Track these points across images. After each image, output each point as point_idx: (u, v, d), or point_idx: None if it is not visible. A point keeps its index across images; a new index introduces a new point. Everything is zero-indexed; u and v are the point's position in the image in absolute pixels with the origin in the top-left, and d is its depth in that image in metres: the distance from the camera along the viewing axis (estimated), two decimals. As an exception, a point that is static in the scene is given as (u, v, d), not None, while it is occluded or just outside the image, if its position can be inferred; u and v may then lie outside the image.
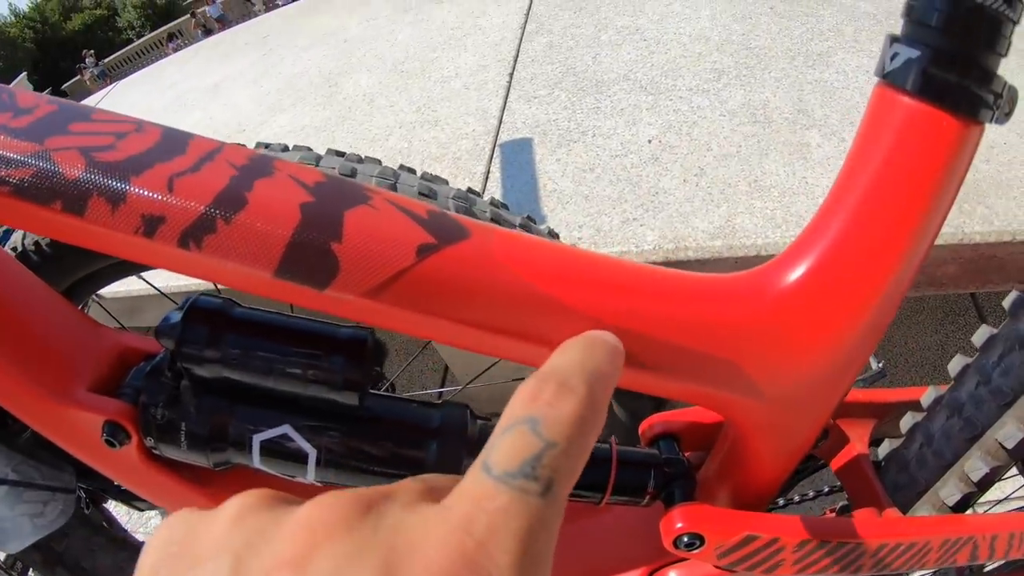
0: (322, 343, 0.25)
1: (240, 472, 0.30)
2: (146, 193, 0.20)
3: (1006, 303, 0.31)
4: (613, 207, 0.64)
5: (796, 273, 0.23)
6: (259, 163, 0.21)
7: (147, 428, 0.27)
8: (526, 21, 1.01)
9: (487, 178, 0.71)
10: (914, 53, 0.20)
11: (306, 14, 1.40)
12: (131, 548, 0.58)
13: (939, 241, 0.47)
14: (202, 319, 0.25)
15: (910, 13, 0.20)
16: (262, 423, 0.27)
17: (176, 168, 0.20)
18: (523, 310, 0.21)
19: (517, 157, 0.74)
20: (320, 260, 0.20)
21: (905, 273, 0.23)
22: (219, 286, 0.40)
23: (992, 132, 0.70)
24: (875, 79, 0.22)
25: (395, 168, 0.42)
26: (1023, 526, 0.34)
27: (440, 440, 0.28)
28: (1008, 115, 0.22)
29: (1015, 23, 0.20)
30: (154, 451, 0.29)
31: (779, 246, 0.60)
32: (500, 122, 0.80)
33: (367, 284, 0.20)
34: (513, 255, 0.21)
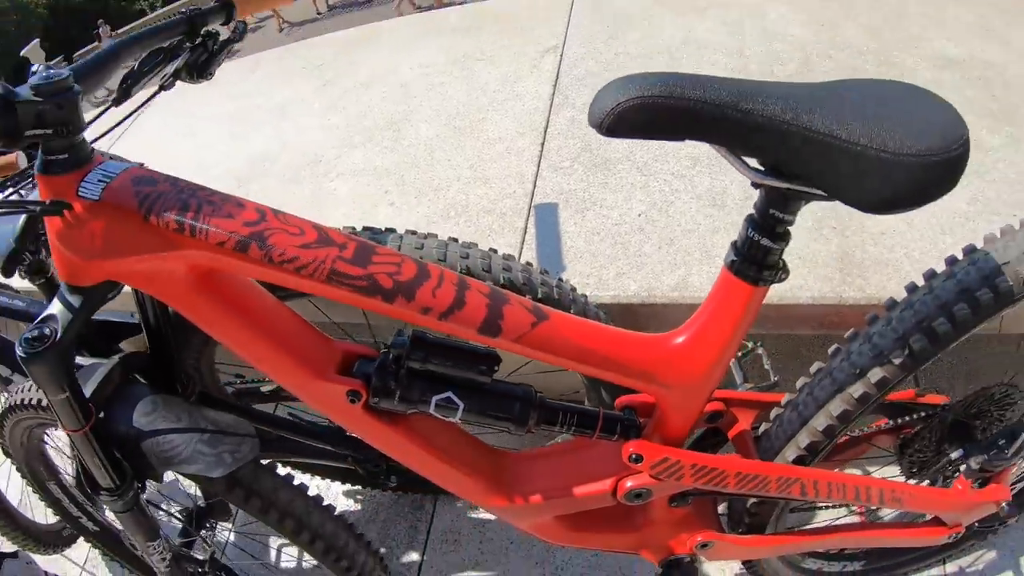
0: (476, 355, 0.66)
1: (417, 416, 0.71)
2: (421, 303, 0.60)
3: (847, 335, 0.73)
4: (610, 263, 1.05)
5: (680, 339, 0.65)
6: (496, 295, 0.62)
7: (376, 393, 0.68)
8: (554, 92, 1.41)
9: (525, 232, 1.12)
10: (733, 257, 0.62)
11: (357, 46, 1.77)
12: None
13: (829, 303, 0.89)
14: (419, 341, 0.66)
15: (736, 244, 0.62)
16: (437, 391, 0.68)
17: (432, 293, 0.60)
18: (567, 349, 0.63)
19: (547, 218, 1.15)
20: (495, 325, 0.61)
21: (723, 357, 0.65)
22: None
23: (886, 221, 1.11)
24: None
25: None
26: (834, 477, 0.76)
27: (521, 403, 0.70)
28: (777, 278, 0.63)
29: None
30: (374, 406, 0.69)
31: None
32: (535, 186, 1.21)
33: (510, 335, 0.61)
34: (561, 325, 0.63)
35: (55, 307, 0.66)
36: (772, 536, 0.92)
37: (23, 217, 1.02)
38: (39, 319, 0.66)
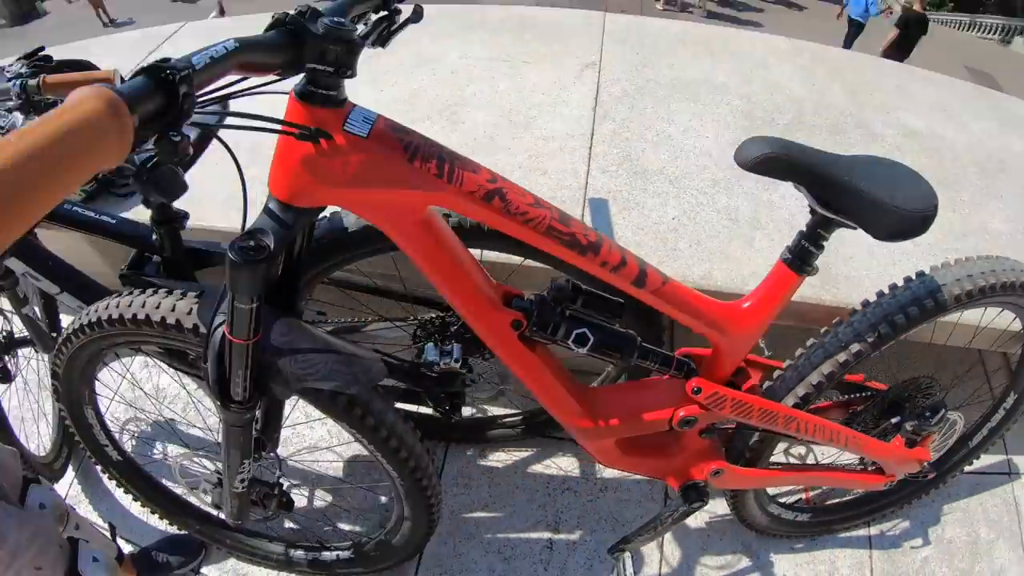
0: (610, 303, 1.03)
1: (545, 348, 1.07)
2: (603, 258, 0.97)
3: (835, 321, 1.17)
4: (652, 253, 1.44)
5: (746, 304, 1.07)
6: (639, 259, 0.99)
7: (536, 323, 1.03)
8: (595, 104, 1.80)
9: (583, 219, 1.49)
10: (788, 255, 1.03)
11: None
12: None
13: (811, 302, 1.34)
14: (576, 289, 1.02)
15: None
16: (579, 327, 1.04)
17: (608, 252, 0.97)
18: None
19: (599, 209, 1.53)
20: (643, 279, 0.98)
21: (767, 322, 1.07)
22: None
23: (854, 250, 1.59)
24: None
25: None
26: (820, 421, 1.19)
27: (629, 342, 1.07)
28: (812, 272, 1.05)
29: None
30: (529, 335, 1.03)
31: (732, 288, 1.44)
32: (587, 183, 1.59)
33: (650, 288, 0.99)
34: (677, 286, 1.02)
35: (263, 222, 0.80)
36: (763, 470, 1.35)
37: (196, 131, 1.21)
38: (250, 230, 0.78)
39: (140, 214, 1.56)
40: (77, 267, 1.37)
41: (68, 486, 1.72)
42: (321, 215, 1.11)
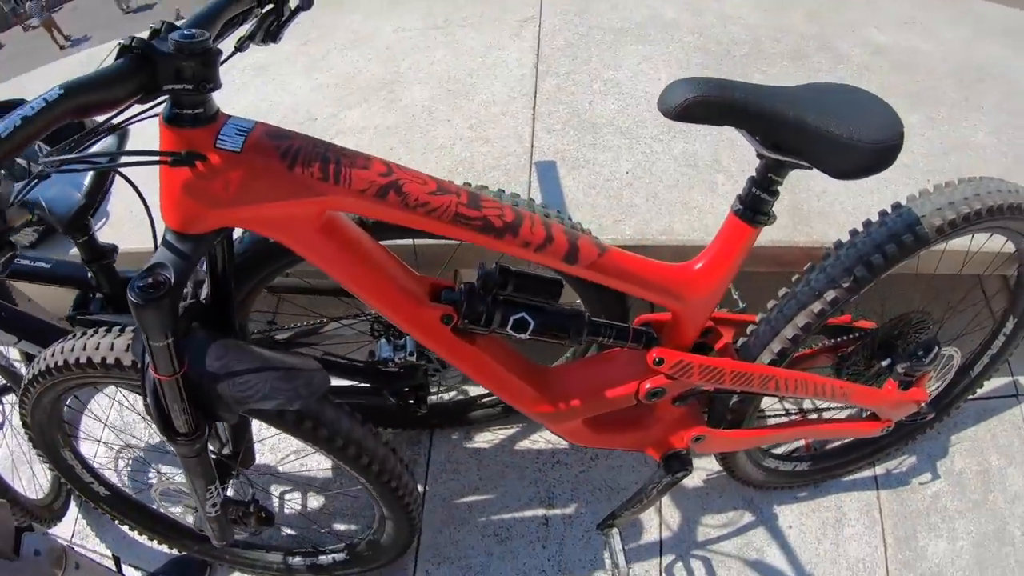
0: (546, 282, 0.90)
1: (486, 338, 0.95)
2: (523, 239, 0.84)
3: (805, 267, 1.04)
4: (607, 212, 1.31)
5: (698, 266, 0.93)
6: (570, 232, 0.86)
7: (467, 315, 0.90)
8: (538, 60, 1.64)
9: (530, 186, 1.35)
10: (738, 206, 0.89)
11: (327, 8, 1.90)
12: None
13: (784, 245, 1.20)
14: (505, 273, 0.89)
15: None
16: (515, 312, 0.92)
17: (530, 231, 0.84)
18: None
19: (547, 173, 1.39)
20: (575, 255, 0.85)
21: (725, 281, 0.94)
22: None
23: (826, 183, 1.43)
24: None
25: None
26: (800, 376, 1.06)
27: (576, 320, 0.94)
28: (769, 221, 0.91)
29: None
30: (462, 328, 0.91)
31: (694, 241, 1.30)
32: (532, 146, 1.44)
33: (584, 263, 0.86)
34: (617, 255, 0.89)
35: (162, 255, 0.74)
36: (748, 430, 1.23)
37: (91, 173, 1.13)
38: (148, 267, 0.73)
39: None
40: (49, 309, 1.34)
41: (74, 521, 1.67)
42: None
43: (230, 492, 1.28)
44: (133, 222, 1.47)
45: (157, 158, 0.69)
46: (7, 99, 1.46)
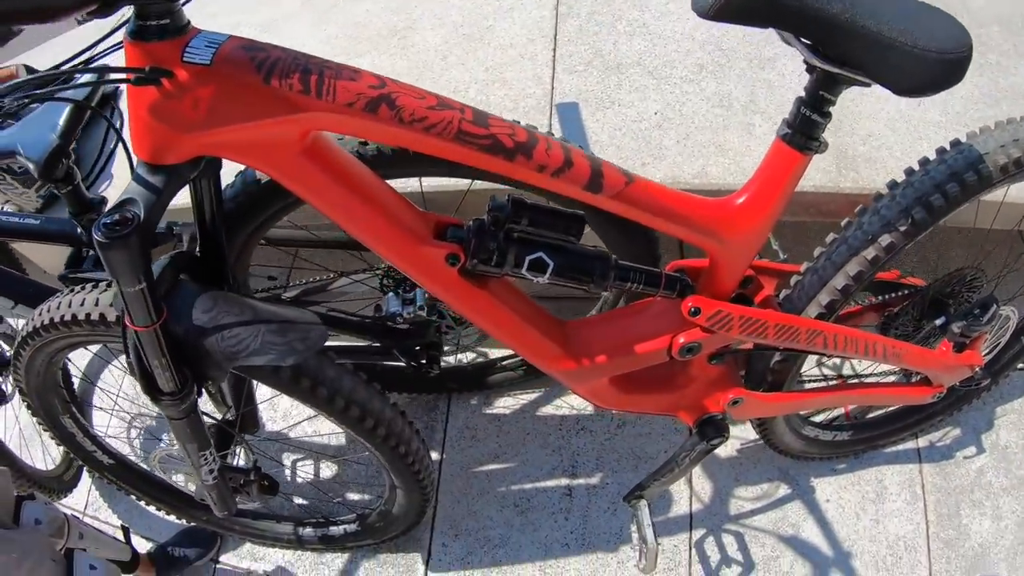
0: (567, 217, 0.78)
1: (499, 282, 0.83)
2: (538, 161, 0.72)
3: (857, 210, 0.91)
4: (635, 155, 1.19)
5: (740, 200, 0.81)
6: (592, 158, 0.74)
7: (477, 255, 0.79)
8: (557, 2, 1.51)
9: (550, 129, 1.23)
10: (786, 130, 0.77)
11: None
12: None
13: (827, 191, 1.07)
14: (518, 204, 0.78)
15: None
16: (532, 251, 0.80)
17: (546, 153, 0.72)
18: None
19: (569, 115, 1.27)
20: (598, 182, 0.73)
21: (771, 219, 0.81)
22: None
23: (870, 125, 1.30)
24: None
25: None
26: (850, 332, 0.94)
27: (601, 262, 0.83)
28: (820, 148, 0.78)
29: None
30: (471, 269, 0.80)
31: (731, 185, 1.17)
32: (552, 88, 1.32)
33: (608, 192, 0.74)
34: (646, 185, 0.77)
35: (132, 190, 0.67)
36: (789, 393, 1.11)
37: (66, 110, 1.04)
38: (116, 203, 0.67)
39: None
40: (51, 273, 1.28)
41: (87, 493, 1.63)
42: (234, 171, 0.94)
43: (241, 460, 1.21)
44: (125, 178, 1.39)
45: (118, 76, 0.62)
46: None
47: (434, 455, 1.49)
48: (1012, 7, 1.56)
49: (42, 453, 1.64)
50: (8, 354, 1.52)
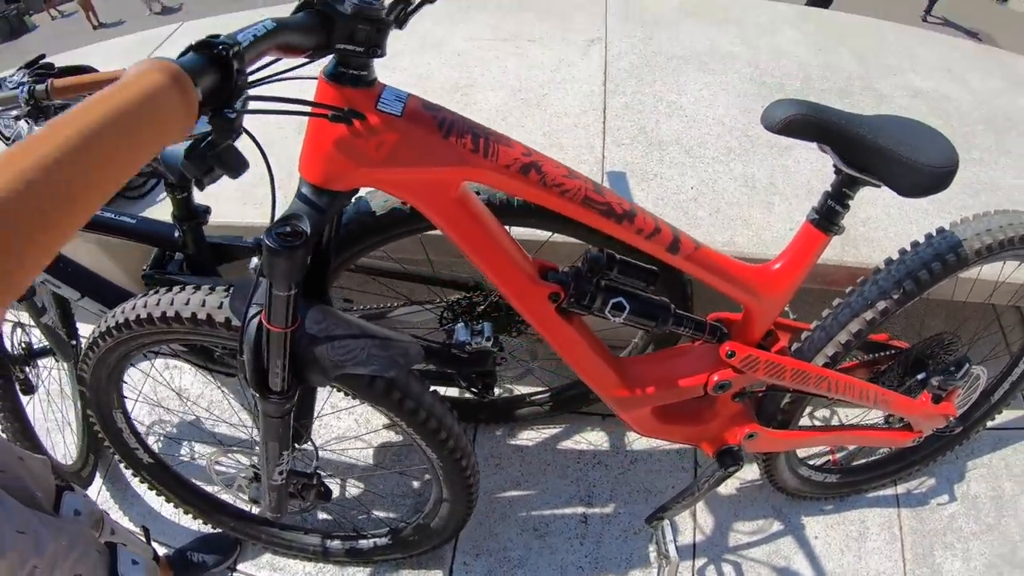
0: (644, 271, 1.07)
1: (580, 320, 1.11)
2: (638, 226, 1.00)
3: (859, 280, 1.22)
4: (674, 223, 1.48)
5: (776, 266, 1.11)
6: (671, 226, 1.03)
7: (574, 295, 1.06)
8: (605, 79, 1.84)
9: (601, 194, 1.54)
10: (814, 216, 1.08)
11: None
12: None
13: (833, 264, 1.39)
14: (611, 258, 1.06)
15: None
16: (615, 296, 1.08)
17: (643, 220, 1.01)
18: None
19: (619, 183, 1.57)
20: (677, 246, 1.03)
21: (796, 283, 1.12)
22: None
23: (870, 210, 1.63)
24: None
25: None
26: (849, 380, 1.24)
27: (664, 310, 1.11)
28: (839, 231, 1.09)
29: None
30: (566, 307, 1.07)
31: (754, 254, 1.48)
32: (603, 156, 1.63)
33: (683, 254, 1.03)
34: (708, 251, 1.06)
35: (298, 207, 0.80)
36: (795, 431, 1.40)
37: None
38: (284, 216, 0.80)
39: (153, 214, 1.59)
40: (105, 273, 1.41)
41: (98, 492, 1.76)
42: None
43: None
44: (221, 195, 1.61)
45: (323, 111, 0.75)
46: (74, 64, 1.55)
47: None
48: (995, 109, 1.94)
49: (57, 448, 1.77)
50: (39, 346, 1.68)
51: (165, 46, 2.21)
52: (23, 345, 1.66)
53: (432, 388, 1.19)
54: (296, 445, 1.25)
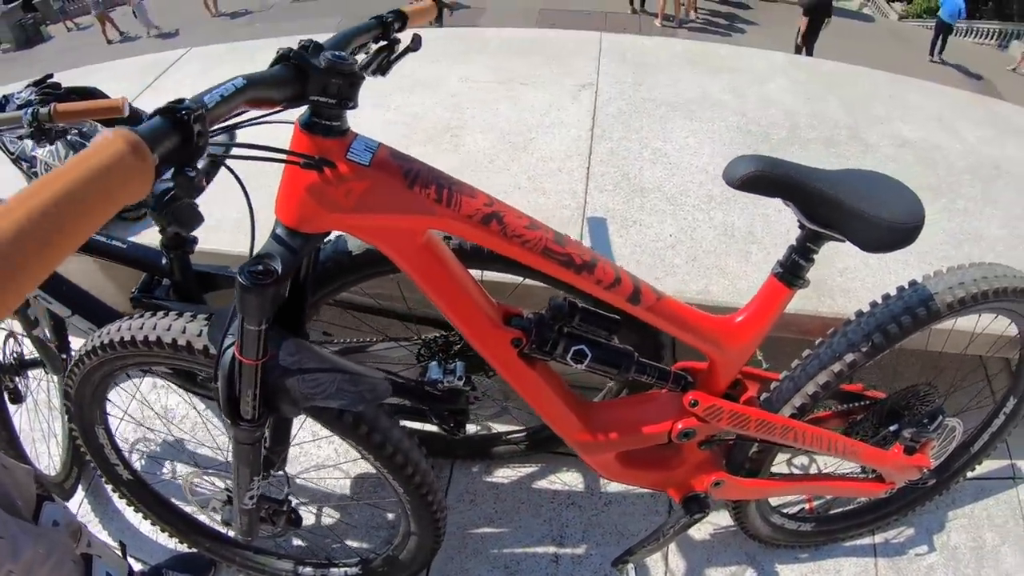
0: (606, 319, 1.07)
1: (544, 365, 1.10)
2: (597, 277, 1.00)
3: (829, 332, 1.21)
4: (650, 270, 1.49)
5: (739, 319, 1.10)
6: (634, 277, 1.03)
7: (536, 341, 1.06)
8: (593, 125, 1.85)
9: (581, 238, 1.53)
10: (779, 269, 1.07)
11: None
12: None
13: (808, 314, 1.38)
14: (573, 307, 1.06)
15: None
16: (577, 344, 1.08)
17: (603, 271, 1.01)
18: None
19: (598, 229, 1.57)
20: (638, 296, 1.02)
21: (760, 335, 1.11)
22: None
23: (850, 261, 1.62)
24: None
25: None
26: (816, 431, 1.22)
27: (627, 357, 1.11)
28: (803, 285, 1.09)
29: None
30: (528, 352, 1.07)
31: (728, 303, 1.48)
32: (585, 202, 1.64)
33: (644, 305, 1.03)
34: (671, 302, 1.06)
35: (271, 247, 0.84)
36: (764, 479, 1.38)
37: (205, 162, 1.27)
38: (257, 255, 0.83)
39: (146, 239, 1.61)
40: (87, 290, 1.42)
41: (78, 505, 1.76)
42: (326, 241, 1.15)
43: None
44: (217, 226, 1.63)
45: (295, 158, 0.80)
46: (81, 86, 1.57)
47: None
48: (982, 158, 1.94)
49: (42, 458, 1.77)
50: (30, 357, 1.70)
51: (171, 71, 2.25)
52: (15, 355, 1.69)
53: (402, 424, 1.20)
54: (271, 472, 1.26)
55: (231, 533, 1.53)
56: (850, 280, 1.57)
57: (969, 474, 1.64)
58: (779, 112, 2.04)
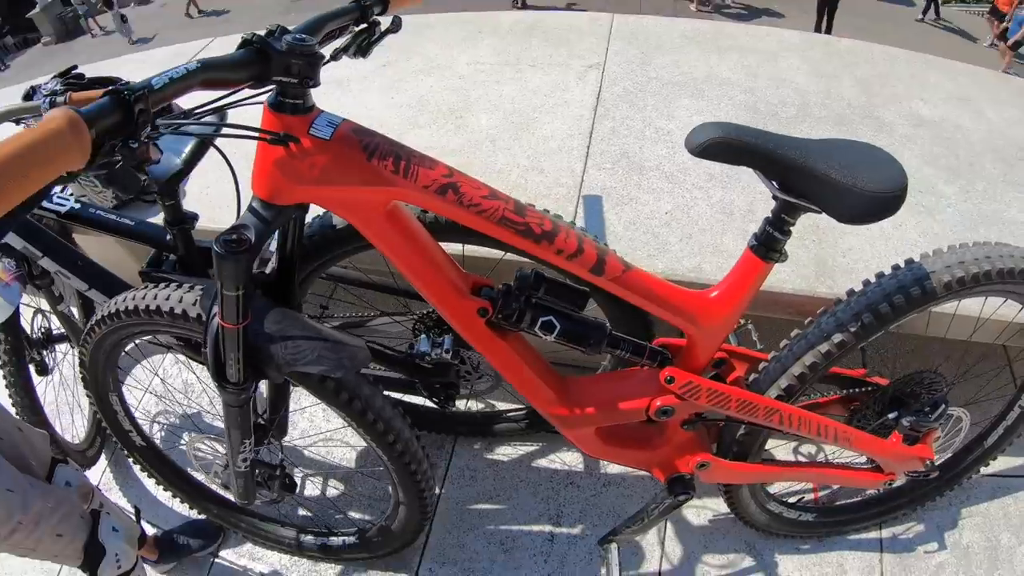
0: (575, 291, 1.05)
1: (516, 336, 1.10)
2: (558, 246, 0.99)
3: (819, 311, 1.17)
4: (642, 247, 1.46)
5: (714, 294, 1.07)
6: (600, 247, 1.02)
7: (502, 311, 1.06)
8: (597, 103, 1.83)
9: (575, 217, 1.52)
10: (754, 242, 1.04)
11: (408, 35, 2.13)
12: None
13: (805, 294, 1.33)
14: (539, 278, 1.05)
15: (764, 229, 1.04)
16: (544, 315, 1.07)
17: (564, 240, 0.99)
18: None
19: (593, 206, 1.55)
20: (601, 267, 1.01)
21: (738, 311, 1.08)
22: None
23: (854, 241, 1.56)
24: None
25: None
26: (804, 414, 1.18)
27: (598, 330, 1.09)
28: (780, 259, 1.05)
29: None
30: (495, 322, 1.06)
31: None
32: (582, 180, 1.62)
33: (608, 276, 1.01)
34: (641, 274, 1.04)
35: (247, 218, 0.89)
36: (752, 464, 1.34)
37: (191, 143, 1.32)
38: (233, 226, 0.88)
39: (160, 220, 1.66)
40: (108, 267, 1.48)
41: (101, 473, 1.84)
42: (314, 216, 1.20)
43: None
44: (205, 203, 1.67)
45: (259, 134, 0.85)
46: (103, 76, 1.63)
47: (435, 489, 1.71)
48: (1006, 140, 1.83)
49: (67, 428, 1.85)
50: (58, 332, 1.78)
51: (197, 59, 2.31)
52: (42, 330, 1.78)
53: (385, 393, 1.21)
54: (270, 438, 1.33)
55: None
56: (853, 261, 1.51)
57: (985, 471, 1.56)
58: (790, 90, 1.97)
